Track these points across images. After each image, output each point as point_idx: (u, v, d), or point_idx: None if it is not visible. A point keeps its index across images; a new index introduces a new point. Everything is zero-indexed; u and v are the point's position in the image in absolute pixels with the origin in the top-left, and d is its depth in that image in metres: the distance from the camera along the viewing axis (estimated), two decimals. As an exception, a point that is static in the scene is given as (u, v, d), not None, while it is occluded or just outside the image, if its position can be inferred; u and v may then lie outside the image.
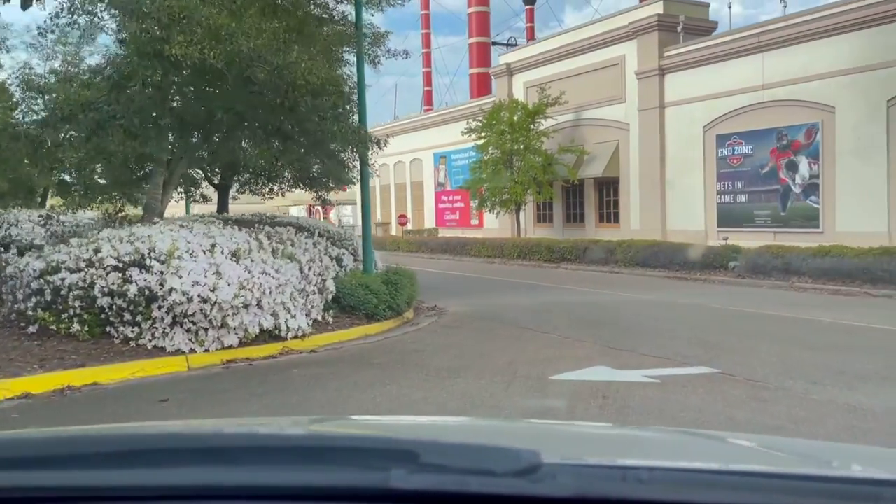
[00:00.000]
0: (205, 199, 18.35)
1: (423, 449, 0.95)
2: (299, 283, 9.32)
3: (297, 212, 40.40)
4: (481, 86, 44.85)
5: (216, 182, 16.04)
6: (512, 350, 8.79)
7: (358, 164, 12.24)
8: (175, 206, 18.52)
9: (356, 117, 11.46)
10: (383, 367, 7.92)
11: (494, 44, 48.00)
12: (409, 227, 38.10)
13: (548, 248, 22.53)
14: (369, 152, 11.59)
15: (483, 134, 28.34)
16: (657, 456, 1.32)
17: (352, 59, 11.78)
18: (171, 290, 7.59)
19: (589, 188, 28.45)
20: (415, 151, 39.40)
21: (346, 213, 49.52)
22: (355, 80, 11.35)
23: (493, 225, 31.83)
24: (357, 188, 12.19)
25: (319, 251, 10.82)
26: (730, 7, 48.24)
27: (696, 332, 9.67)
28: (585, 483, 0.90)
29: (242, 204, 22.03)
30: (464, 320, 11.43)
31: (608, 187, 27.75)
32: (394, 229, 38.94)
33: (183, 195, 17.92)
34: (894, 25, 18.51)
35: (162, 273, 7.72)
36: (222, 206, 16.14)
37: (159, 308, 7.74)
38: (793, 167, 21.10)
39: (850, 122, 19.60)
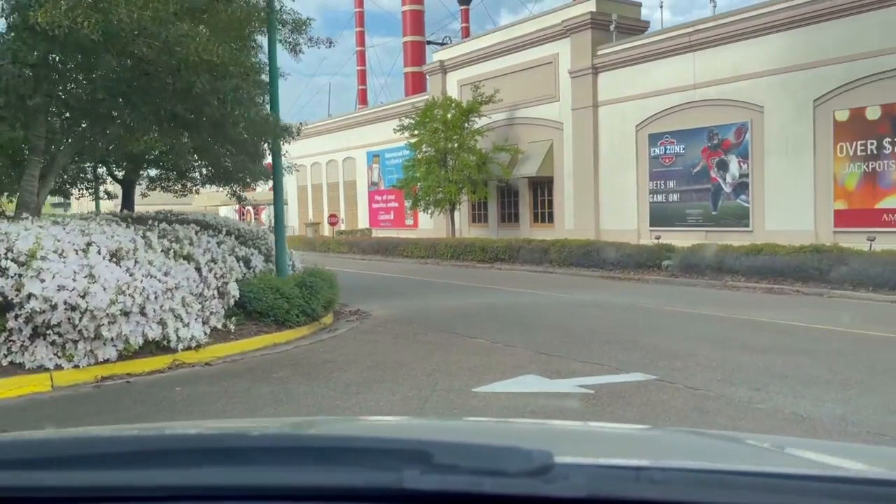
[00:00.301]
0: (110, 196, 16.94)
1: (436, 449, 0.94)
2: (196, 286, 8.29)
3: (226, 212, 38.69)
4: (416, 85, 44.10)
5: (120, 177, 14.71)
6: (435, 358, 8.00)
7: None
8: (87, 205, 17.06)
9: (269, 106, 10.51)
10: (284, 382, 6.98)
11: (429, 42, 47.30)
12: (342, 227, 36.97)
13: (482, 248, 21.89)
14: (282, 142, 10.61)
15: (416, 132, 27.58)
16: (670, 456, 1.31)
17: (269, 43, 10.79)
18: (29, 295, 6.47)
19: (523, 188, 28.00)
20: (348, 150, 38.31)
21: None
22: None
23: (428, 225, 31.07)
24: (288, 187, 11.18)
25: (224, 251, 9.77)
26: (661, 6, 48.47)
27: (632, 335, 9.08)
28: (598, 483, 0.89)
29: (160, 204, 20.56)
30: (387, 325, 10.57)
31: (542, 187, 27.34)
32: (325, 229, 37.72)
33: (90, 193, 16.50)
34: (821, 26, 18.56)
35: (20, 276, 6.58)
36: (127, 203, 14.84)
37: (15, 318, 6.60)
38: (723, 166, 21.04)
39: (778, 121, 19.62)
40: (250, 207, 39.95)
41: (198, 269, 8.59)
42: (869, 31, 17.63)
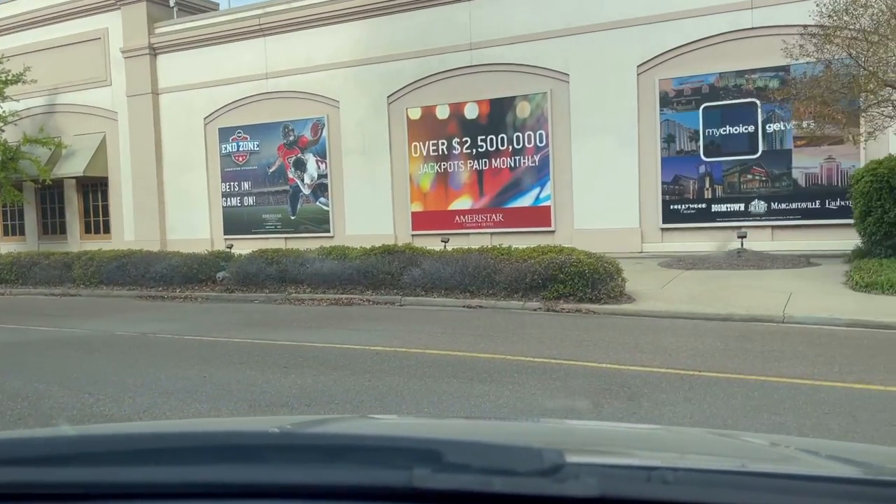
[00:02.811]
0: None
1: (447, 448, 0.94)
2: None
3: None
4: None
5: None
6: None
7: None
8: None
9: None
10: None
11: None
12: None
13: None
14: None
15: None
16: (682, 456, 1.29)
17: None
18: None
19: (70, 190, 22.60)
20: None
21: None
22: None
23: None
24: None
25: None
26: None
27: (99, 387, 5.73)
28: (609, 483, 0.88)
29: None
30: None
31: (95, 190, 22.33)
32: None
33: None
34: (393, 17, 17.59)
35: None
36: None
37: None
38: (301, 166, 18.95)
39: (355, 118, 18.20)
40: None
41: None
42: (436, 26, 17.11)
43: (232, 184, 19.92)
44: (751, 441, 1.50)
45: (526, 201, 16.34)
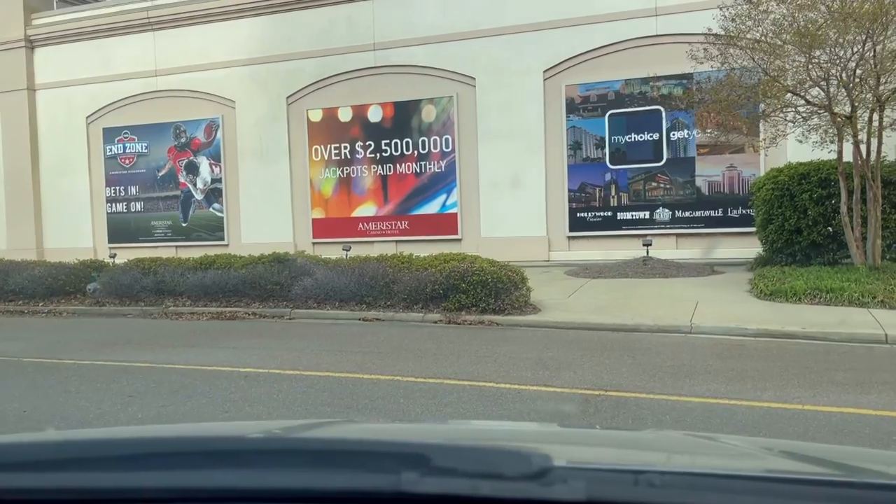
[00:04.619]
0: None
1: (434, 452, 0.93)
2: None
3: None
4: None
5: None
6: None
7: None
8: None
9: None
10: None
11: None
12: None
13: None
14: None
15: None
16: (669, 460, 1.30)
17: None
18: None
19: (-68, 195, 20.35)
20: None
21: None
22: None
23: None
24: None
25: None
26: None
27: None
28: (596, 487, 0.89)
29: None
30: None
31: (-38, 194, 20.19)
32: None
33: None
34: (292, 15, 16.66)
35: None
36: None
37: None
38: (193, 169, 17.68)
39: (252, 119, 17.11)
40: None
41: None
42: (338, 25, 16.31)
43: (117, 188, 18.41)
44: (734, 444, 1.52)
45: (432, 208, 15.72)
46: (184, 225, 17.74)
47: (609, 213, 14.49)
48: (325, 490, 0.90)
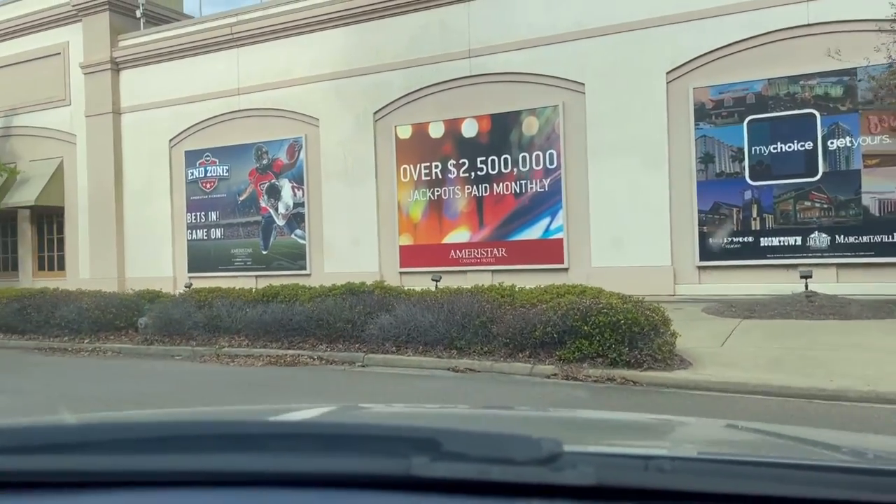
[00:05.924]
0: None
1: (445, 437, 0.93)
2: None
3: None
4: None
5: None
6: None
7: None
8: None
9: None
10: None
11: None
12: None
13: None
14: None
15: None
16: (679, 445, 1.30)
17: None
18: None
19: (24, 222, 20.18)
20: None
21: None
22: None
23: None
24: None
25: None
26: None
27: None
28: (606, 472, 0.88)
29: None
30: None
31: (51, 221, 19.89)
32: None
33: None
34: (381, 22, 15.25)
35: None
36: None
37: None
38: (275, 193, 16.44)
39: (335, 137, 15.73)
40: None
41: None
42: (429, 32, 14.74)
43: (198, 214, 17.42)
44: (747, 430, 1.48)
45: (534, 233, 13.70)
46: (264, 253, 16.48)
47: (750, 239, 12.03)
48: (336, 473, 0.91)
